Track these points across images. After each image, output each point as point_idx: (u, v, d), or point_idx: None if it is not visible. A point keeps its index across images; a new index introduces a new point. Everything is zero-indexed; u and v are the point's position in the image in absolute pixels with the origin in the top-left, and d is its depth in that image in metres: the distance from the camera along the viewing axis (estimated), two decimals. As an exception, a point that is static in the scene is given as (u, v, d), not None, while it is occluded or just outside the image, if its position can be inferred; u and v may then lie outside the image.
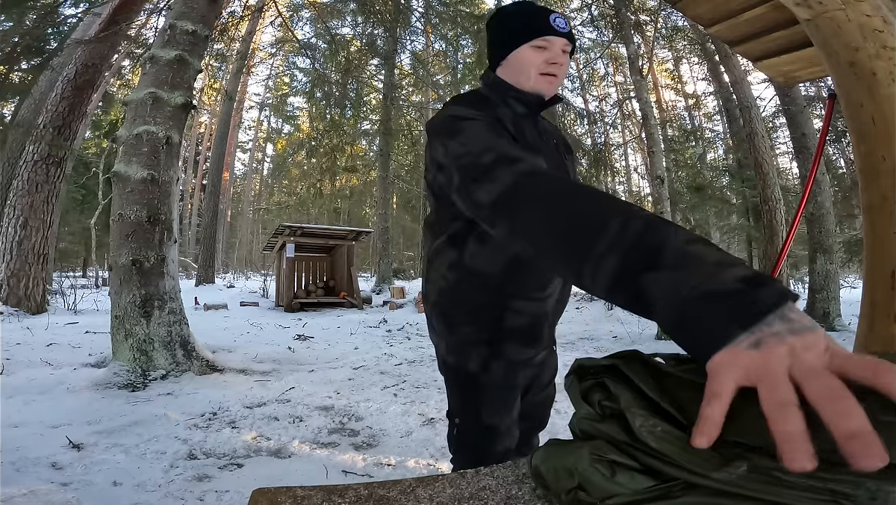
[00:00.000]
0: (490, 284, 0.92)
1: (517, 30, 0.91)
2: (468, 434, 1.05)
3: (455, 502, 0.44)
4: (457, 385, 1.04)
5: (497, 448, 1.03)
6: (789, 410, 0.29)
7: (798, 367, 0.30)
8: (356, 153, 13.22)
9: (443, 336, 1.01)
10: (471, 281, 0.93)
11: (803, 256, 8.28)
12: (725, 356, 0.32)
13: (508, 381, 1.00)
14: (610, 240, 0.43)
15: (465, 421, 1.05)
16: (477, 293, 0.94)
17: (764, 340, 0.31)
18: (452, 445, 1.08)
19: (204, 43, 3.73)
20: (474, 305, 0.95)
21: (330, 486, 0.44)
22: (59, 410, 2.32)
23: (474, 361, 0.96)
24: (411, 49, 13.01)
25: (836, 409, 0.28)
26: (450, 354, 1.01)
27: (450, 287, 0.97)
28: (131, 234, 3.13)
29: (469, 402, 1.03)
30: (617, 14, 6.94)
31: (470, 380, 0.99)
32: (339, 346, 4.57)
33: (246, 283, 14.49)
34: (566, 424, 1.68)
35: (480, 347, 0.95)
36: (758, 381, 0.30)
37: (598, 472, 0.35)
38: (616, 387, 0.38)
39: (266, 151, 30.73)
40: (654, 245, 0.40)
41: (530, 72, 0.90)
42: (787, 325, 0.32)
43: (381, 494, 0.45)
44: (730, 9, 1.97)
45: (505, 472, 0.57)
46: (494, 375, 0.97)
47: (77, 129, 6.37)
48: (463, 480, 0.52)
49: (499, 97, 0.93)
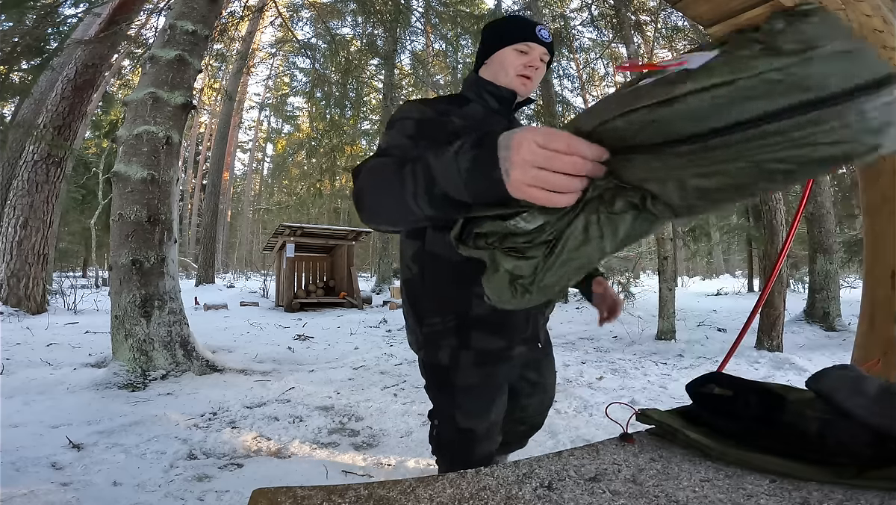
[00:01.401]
0: (453, 269, 0.92)
1: (504, 33, 1.00)
2: (446, 437, 1.04)
3: (455, 502, 0.44)
4: (433, 383, 1.04)
5: (476, 453, 1.02)
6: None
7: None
8: (356, 153, 13.20)
9: (414, 331, 1.02)
10: (434, 267, 0.95)
11: (803, 256, 8.28)
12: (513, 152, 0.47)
13: (482, 378, 0.98)
14: (407, 183, 0.60)
15: (442, 423, 1.05)
16: (441, 280, 0.95)
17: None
18: (433, 445, 1.09)
19: (204, 43, 3.73)
20: (440, 293, 0.96)
21: (330, 486, 0.44)
22: (59, 410, 2.32)
23: (444, 352, 0.96)
24: (411, 49, 13.01)
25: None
26: (421, 348, 1.01)
27: (415, 277, 0.99)
28: (131, 234, 3.13)
29: (445, 402, 1.03)
30: (617, 14, 6.94)
31: (443, 376, 0.99)
32: (339, 346, 4.57)
33: (246, 283, 14.49)
34: (566, 424, 1.70)
35: (449, 337, 0.95)
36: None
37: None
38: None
39: (266, 151, 30.75)
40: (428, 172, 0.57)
41: (509, 70, 0.98)
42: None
43: (381, 494, 0.45)
44: (730, 9, 1.97)
45: (505, 472, 0.57)
46: (465, 369, 0.96)
47: (77, 129, 6.37)
48: (463, 480, 0.52)
49: (474, 93, 1.02)
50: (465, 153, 0.52)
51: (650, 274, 18.43)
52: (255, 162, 31.06)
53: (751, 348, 4.31)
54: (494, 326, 0.95)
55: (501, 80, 1.00)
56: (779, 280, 4.38)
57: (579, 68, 14.29)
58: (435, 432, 1.08)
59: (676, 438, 0.77)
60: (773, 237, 4.55)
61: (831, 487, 0.58)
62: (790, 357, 3.78)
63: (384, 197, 0.66)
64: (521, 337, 1.00)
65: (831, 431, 0.66)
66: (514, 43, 0.98)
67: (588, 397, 2.79)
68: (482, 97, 1.01)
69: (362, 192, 0.71)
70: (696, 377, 0.92)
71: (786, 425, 0.70)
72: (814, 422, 0.68)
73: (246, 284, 13.63)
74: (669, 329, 4.95)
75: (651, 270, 19.67)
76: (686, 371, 3.58)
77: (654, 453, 0.71)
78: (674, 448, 0.74)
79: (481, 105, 1.01)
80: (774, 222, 4.57)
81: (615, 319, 1.11)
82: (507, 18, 1.05)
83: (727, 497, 0.56)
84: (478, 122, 0.95)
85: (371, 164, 0.73)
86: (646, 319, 6.10)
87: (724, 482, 0.60)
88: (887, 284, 1.32)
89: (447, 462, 1.06)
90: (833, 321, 5.54)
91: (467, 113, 0.97)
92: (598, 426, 2.25)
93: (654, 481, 0.59)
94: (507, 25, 1.01)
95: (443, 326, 0.96)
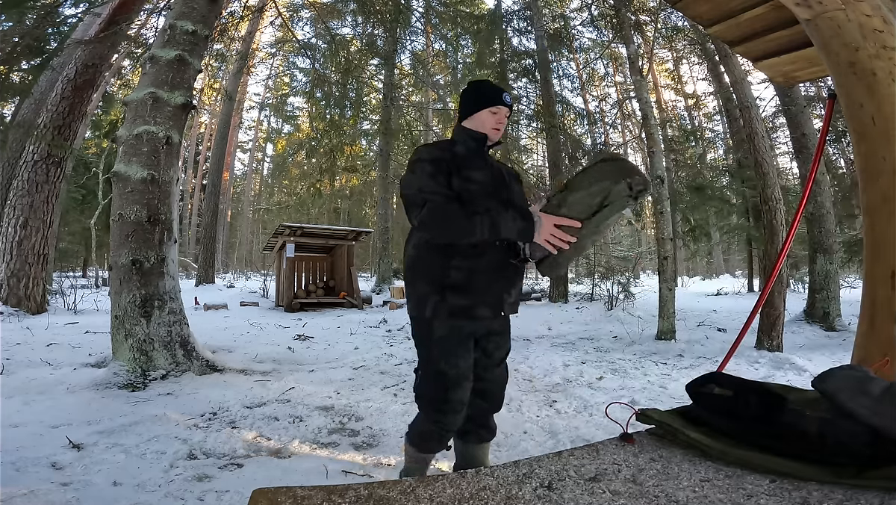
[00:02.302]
0: (439, 250, 1.39)
1: (482, 99, 1.48)
2: (426, 379, 1.45)
3: (455, 502, 0.44)
4: (419, 335, 1.45)
5: (450, 395, 1.40)
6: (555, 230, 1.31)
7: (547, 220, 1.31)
8: (356, 153, 13.20)
9: (410, 297, 1.45)
10: (427, 251, 1.41)
11: (803, 256, 8.28)
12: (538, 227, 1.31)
13: (455, 331, 1.39)
14: (476, 229, 1.29)
15: (424, 369, 1.46)
16: (430, 259, 1.40)
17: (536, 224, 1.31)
18: (415, 393, 1.49)
19: (204, 43, 3.73)
20: (429, 267, 1.41)
21: (330, 486, 0.44)
22: (59, 410, 2.32)
23: (429, 308, 1.39)
24: (411, 49, 13.00)
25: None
26: (414, 308, 1.43)
27: (414, 259, 1.45)
28: (131, 234, 3.13)
29: (427, 349, 1.43)
30: (617, 14, 6.93)
31: (426, 326, 1.41)
32: (339, 346, 4.57)
33: (246, 283, 14.48)
34: (566, 424, 1.71)
35: (433, 296, 1.38)
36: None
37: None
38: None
39: (266, 151, 30.71)
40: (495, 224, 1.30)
41: (486, 125, 1.48)
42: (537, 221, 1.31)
43: (381, 494, 0.45)
44: (730, 9, 1.97)
45: (505, 472, 0.57)
46: (441, 319, 1.38)
47: (77, 129, 6.36)
48: (463, 480, 0.52)
49: (461, 138, 1.50)
50: (519, 221, 1.30)
51: (650, 274, 18.42)
52: (255, 162, 31.04)
53: (751, 348, 4.31)
54: (465, 288, 1.38)
55: (480, 129, 1.48)
56: (779, 280, 4.38)
57: (579, 68, 14.28)
58: (418, 381, 1.48)
59: (676, 438, 0.77)
60: (773, 237, 4.54)
61: (831, 487, 0.58)
62: (790, 357, 3.78)
63: (453, 231, 1.31)
64: (482, 300, 1.40)
65: (831, 431, 0.65)
66: (488, 106, 1.46)
67: (588, 397, 2.79)
68: (466, 142, 1.48)
69: (432, 224, 1.32)
70: (696, 377, 0.92)
71: (786, 425, 0.70)
72: (814, 422, 0.68)
73: (246, 284, 13.62)
74: (669, 329, 4.95)
75: (651, 270, 19.67)
76: (686, 371, 3.57)
77: (654, 453, 0.71)
78: (674, 448, 0.74)
79: (465, 146, 1.47)
80: (774, 222, 4.56)
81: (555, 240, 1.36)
82: (485, 85, 1.52)
83: (727, 497, 0.55)
84: (462, 156, 1.42)
85: (433, 206, 1.31)
86: (646, 319, 6.10)
87: (724, 482, 0.60)
88: (887, 284, 1.32)
89: (424, 404, 1.45)
90: (833, 321, 5.54)
91: (457, 152, 1.44)
92: (598, 426, 2.25)
93: (654, 481, 0.59)
94: (484, 92, 1.49)
95: (429, 289, 1.39)
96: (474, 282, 1.37)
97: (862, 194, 1.46)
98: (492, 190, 1.41)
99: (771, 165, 4.97)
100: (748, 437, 0.72)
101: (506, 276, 1.44)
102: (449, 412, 1.40)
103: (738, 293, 11.67)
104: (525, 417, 2.44)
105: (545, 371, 3.49)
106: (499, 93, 1.47)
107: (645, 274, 18.03)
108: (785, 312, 4.47)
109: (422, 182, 1.33)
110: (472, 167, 1.41)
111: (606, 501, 0.52)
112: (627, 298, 8.00)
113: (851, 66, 1.46)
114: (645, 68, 6.41)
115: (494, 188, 1.43)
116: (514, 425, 2.29)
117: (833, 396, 0.70)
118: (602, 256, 10.35)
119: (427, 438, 1.47)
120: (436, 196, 1.31)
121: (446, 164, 1.37)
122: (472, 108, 1.48)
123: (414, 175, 1.36)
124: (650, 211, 10.19)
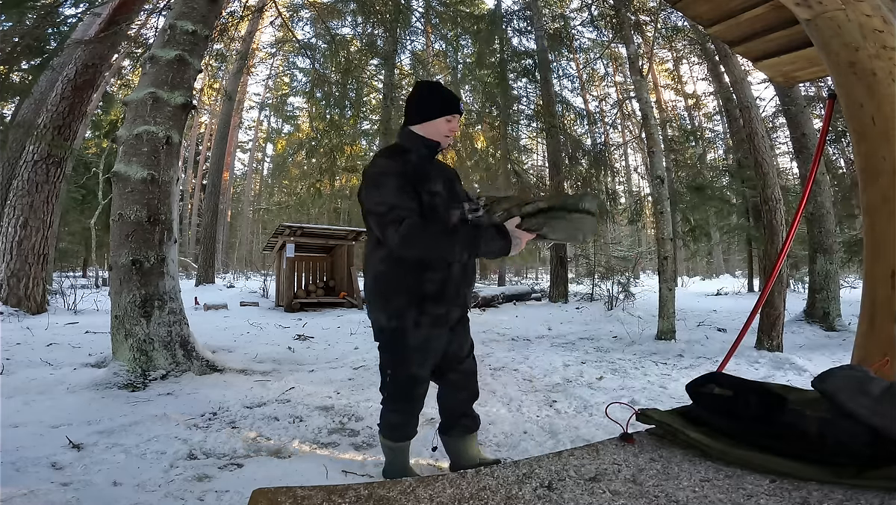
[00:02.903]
0: (411, 265, 1.41)
1: (439, 106, 1.48)
2: (399, 382, 1.54)
3: (455, 502, 0.44)
4: (393, 344, 1.50)
5: (418, 390, 1.56)
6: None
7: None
8: (356, 153, 13.18)
9: (382, 309, 1.47)
10: (397, 265, 1.42)
11: (803, 256, 8.28)
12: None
13: (429, 339, 1.48)
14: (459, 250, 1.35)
15: (396, 371, 1.53)
16: (403, 273, 1.42)
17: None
18: (385, 392, 1.59)
19: (204, 43, 3.73)
20: (403, 282, 1.42)
21: (330, 486, 0.44)
22: (59, 410, 2.32)
23: (409, 320, 1.43)
24: (411, 49, 12.99)
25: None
26: (390, 319, 1.45)
27: (384, 273, 1.46)
28: (131, 234, 3.13)
29: (401, 356, 1.50)
30: (617, 14, 6.93)
31: (403, 338, 1.46)
32: (339, 346, 4.57)
33: (246, 283, 14.47)
34: (566, 424, 1.72)
35: (410, 309, 1.42)
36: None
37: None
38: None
39: (266, 151, 30.69)
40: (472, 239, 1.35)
41: (441, 132, 1.49)
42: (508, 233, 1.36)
43: (381, 494, 0.45)
44: (730, 9, 1.97)
45: (505, 472, 0.57)
46: (420, 331, 1.44)
47: (77, 129, 6.36)
48: (463, 480, 0.52)
49: (412, 144, 1.49)
50: (498, 241, 1.33)
51: (650, 274, 18.43)
52: (255, 162, 31.02)
53: (751, 348, 4.31)
54: (439, 297, 1.44)
55: (434, 137, 1.49)
56: (779, 280, 4.38)
57: (579, 68, 14.28)
58: (388, 380, 1.56)
59: (676, 438, 0.77)
60: (773, 237, 4.54)
61: (831, 487, 0.58)
62: (790, 357, 3.78)
63: (433, 247, 1.34)
64: (454, 303, 1.49)
65: (831, 431, 0.65)
66: (445, 115, 1.47)
67: (588, 397, 2.79)
68: (419, 148, 1.48)
69: (416, 242, 1.31)
70: (696, 377, 0.92)
71: (786, 425, 0.70)
72: (814, 422, 0.68)
73: (246, 284, 13.62)
74: (669, 329, 4.95)
75: (651, 270, 19.68)
76: (686, 371, 3.57)
77: (654, 453, 0.71)
78: (674, 448, 0.74)
79: (417, 153, 1.46)
80: (774, 222, 4.56)
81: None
82: (444, 93, 1.51)
83: (727, 497, 0.55)
84: (417, 166, 1.42)
85: (412, 224, 1.30)
86: (646, 319, 6.10)
87: (724, 482, 0.60)
88: (887, 284, 1.32)
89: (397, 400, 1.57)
90: (833, 321, 5.54)
91: (409, 160, 1.43)
92: (598, 426, 2.25)
93: (654, 481, 0.59)
94: (441, 98, 1.49)
95: (407, 303, 1.42)
96: (447, 290, 1.45)
97: (862, 194, 1.46)
98: (448, 197, 1.46)
99: (771, 165, 4.97)
100: (748, 437, 0.72)
101: (467, 277, 1.52)
102: (414, 400, 1.58)
103: (738, 293, 11.67)
104: (525, 417, 2.44)
105: (545, 371, 3.49)
106: (457, 100, 1.50)
107: (645, 274, 18.05)
108: (785, 312, 4.47)
109: (393, 198, 1.33)
110: (428, 177, 1.43)
111: (606, 501, 0.52)
112: (627, 298, 8.00)
113: (851, 66, 1.46)
114: (645, 68, 6.41)
115: (450, 195, 1.48)
116: (514, 425, 2.29)
117: (833, 396, 0.70)
118: (602, 256, 10.35)
119: (397, 426, 1.61)
120: (412, 213, 1.32)
121: (409, 177, 1.37)
122: (429, 114, 1.47)
123: (380, 190, 1.35)
124: (650, 211, 10.19)
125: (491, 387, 2.99)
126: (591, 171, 9.79)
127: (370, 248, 1.49)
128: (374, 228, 1.40)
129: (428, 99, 1.50)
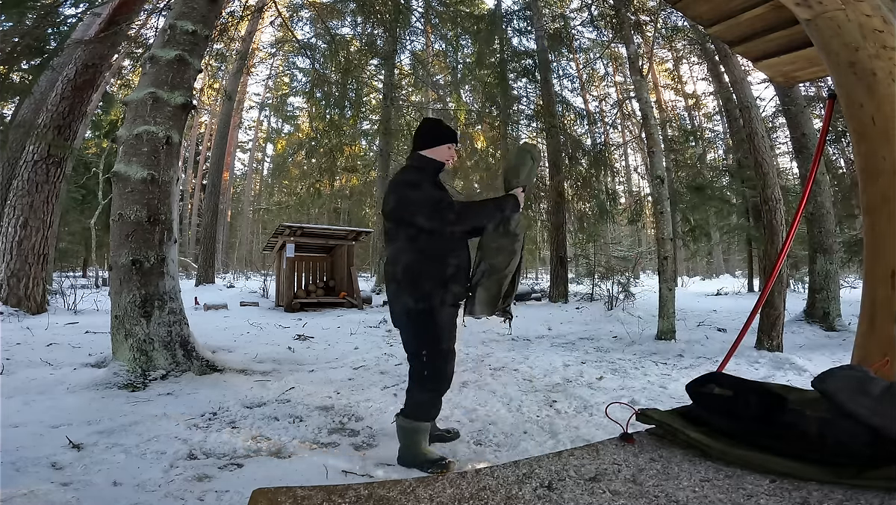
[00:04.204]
0: (438, 256, 1.76)
1: (444, 136, 1.93)
2: (435, 358, 1.79)
3: (455, 502, 0.44)
4: (423, 325, 1.77)
5: (450, 366, 1.83)
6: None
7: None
8: (356, 153, 13.19)
9: (410, 294, 1.75)
10: (427, 257, 1.76)
11: (803, 256, 8.28)
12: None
13: (452, 314, 1.82)
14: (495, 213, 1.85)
15: (431, 351, 1.78)
16: (432, 261, 1.76)
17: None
18: (420, 374, 1.82)
19: (204, 43, 3.73)
20: (432, 270, 1.76)
21: (330, 486, 0.44)
22: (59, 410, 2.32)
23: (437, 300, 1.74)
24: (411, 49, 13.00)
25: None
26: (419, 302, 1.74)
27: (413, 264, 1.76)
28: (131, 234, 3.13)
29: (432, 334, 1.77)
30: (617, 14, 6.93)
31: (434, 316, 1.75)
32: (339, 346, 4.57)
33: (246, 283, 14.47)
34: (566, 424, 1.71)
35: (439, 290, 1.75)
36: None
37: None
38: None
39: (266, 151, 30.70)
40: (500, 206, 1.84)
41: (444, 156, 1.93)
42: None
43: (381, 494, 0.45)
44: (730, 9, 1.97)
45: (505, 472, 0.57)
46: (447, 308, 1.77)
47: (77, 129, 6.35)
48: (463, 481, 0.52)
49: (425, 165, 1.90)
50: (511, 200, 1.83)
51: (650, 274, 18.41)
52: (255, 162, 31.02)
53: (751, 348, 4.31)
54: (461, 279, 1.81)
55: (439, 158, 1.92)
56: (779, 280, 4.38)
57: (579, 68, 14.28)
58: (425, 360, 1.79)
59: (676, 438, 0.77)
60: (773, 237, 4.54)
61: (831, 487, 0.57)
62: (790, 357, 3.78)
63: (481, 215, 1.81)
64: (466, 282, 1.84)
65: (831, 431, 0.65)
66: (447, 143, 1.92)
67: (588, 397, 2.79)
68: (427, 169, 1.88)
69: (468, 213, 1.77)
70: (696, 377, 0.92)
71: (786, 425, 0.70)
72: (814, 422, 0.68)
73: (246, 284, 13.62)
74: (669, 329, 4.95)
75: (651, 270, 19.66)
76: (686, 371, 3.57)
77: (654, 453, 0.71)
78: (674, 448, 0.74)
79: (428, 172, 1.86)
80: (774, 222, 4.56)
81: None
82: (444, 127, 1.97)
83: (727, 497, 0.55)
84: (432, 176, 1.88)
85: (459, 207, 1.74)
86: (646, 319, 6.10)
87: (724, 482, 0.60)
88: (887, 284, 1.32)
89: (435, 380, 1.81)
90: (833, 321, 5.54)
91: (427, 172, 1.86)
92: (598, 426, 2.25)
93: (654, 481, 0.59)
94: (445, 132, 1.93)
95: (436, 286, 1.74)
96: (461, 273, 1.82)
97: (862, 194, 1.46)
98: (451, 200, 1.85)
99: (771, 165, 4.97)
100: (748, 437, 0.72)
101: (471, 263, 1.90)
102: (447, 377, 1.83)
103: (738, 293, 11.67)
104: (525, 417, 2.44)
105: (545, 371, 3.49)
106: (455, 133, 1.99)
107: (645, 274, 18.03)
108: (785, 312, 4.47)
109: (436, 194, 1.78)
110: (440, 184, 1.91)
111: (606, 501, 0.52)
112: (627, 298, 8.00)
113: (851, 66, 1.46)
114: (645, 68, 6.41)
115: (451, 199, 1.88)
116: (514, 425, 2.29)
117: (833, 396, 0.70)
118: (602, 256, 10.36)
119: (430, 407, 1.87)
120: (452, 200, 1.77)
121: (433, 182, 1.86)
122: (434, 142, 1.91)
123: (422, 191, 1.76)
124: (650, 211, 10.19)
125: (491, 387, 2.99)
126: (591, 171, 9.80)
127: (399, 246, 1.80)
128: (420, 222, 1.72)
129: (435, 129, 1.95)
